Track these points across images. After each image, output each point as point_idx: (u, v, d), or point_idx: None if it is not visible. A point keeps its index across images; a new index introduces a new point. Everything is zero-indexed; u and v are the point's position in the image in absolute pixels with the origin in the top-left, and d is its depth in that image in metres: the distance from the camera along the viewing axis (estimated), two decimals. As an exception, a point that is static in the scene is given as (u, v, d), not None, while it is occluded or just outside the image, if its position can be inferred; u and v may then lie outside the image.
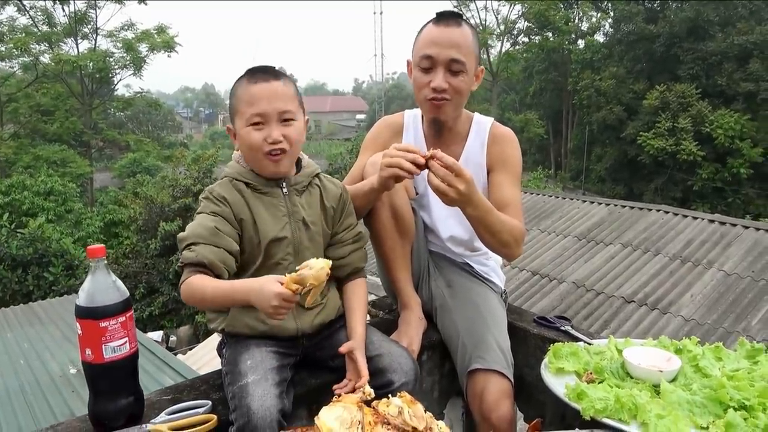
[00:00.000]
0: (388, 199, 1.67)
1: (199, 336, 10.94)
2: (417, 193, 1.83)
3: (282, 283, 1.18)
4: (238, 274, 1.41)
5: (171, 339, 11.14)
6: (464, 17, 1.71)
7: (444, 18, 1.67)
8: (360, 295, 1.55)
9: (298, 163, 1.52)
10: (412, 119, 1.86)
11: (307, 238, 1.46)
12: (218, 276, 1.33)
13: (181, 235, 1.36)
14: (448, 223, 1.84)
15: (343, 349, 1.38)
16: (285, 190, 1.46)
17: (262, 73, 1.41)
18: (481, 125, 1.81)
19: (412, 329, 1.69)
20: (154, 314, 11.34)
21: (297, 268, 1.20)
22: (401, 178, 1.47)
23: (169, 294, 11.38)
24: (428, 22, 1.70)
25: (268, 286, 1.18)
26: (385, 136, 1.85)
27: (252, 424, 1.20)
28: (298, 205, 1.47)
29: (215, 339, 8.06)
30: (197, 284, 1.29)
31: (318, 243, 1.49)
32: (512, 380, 1.59)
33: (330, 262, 1.22)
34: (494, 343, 1.63)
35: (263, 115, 1.38)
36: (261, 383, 1.27)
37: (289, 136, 1.40)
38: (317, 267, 1.18)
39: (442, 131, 1.78)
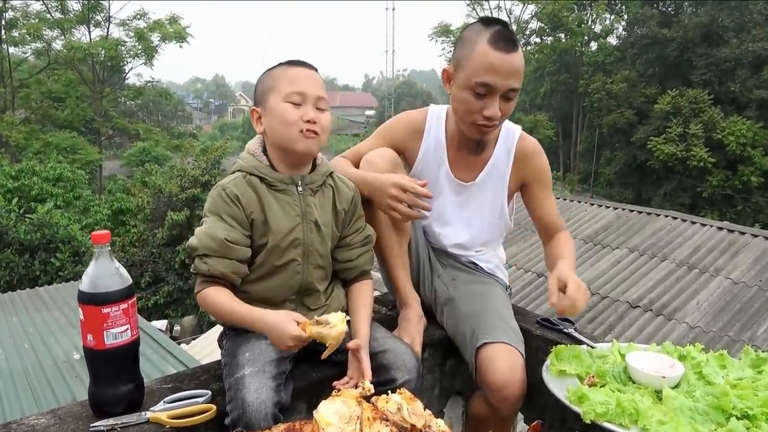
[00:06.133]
0: None
1: (203, 326, 10.99)
2: None
3: (299, 323, 1.25)
4: (248, 275, 1.42)
5: (175, 328, 11.21)
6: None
7: (503, 40, 1.52)
8: (366, 295, 1.54)
9: (314, 161, 1.50)
10: (436, 120, 1.78)
11: (318, 240, 1.45)
12: (231, 283, 1.38)
13: (191, 243, 1.36)
14: (452, 232, 1.82)
15: (351, 345, 1.37)
16: (300, 188, 1.44)
17: (300, 62, 1.44)
18: (509, 134, 1.76)
19: (413, 327, 1.68)
20: (159, 303, 11.38)
21: (317, 318, 1.26)
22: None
23: (175, 283, 11.42)
24: (479, 34, 1.54)
25: (287, 327, 1.25)
26: (402, 135, 1.80)
27: (246, 416, 1.21)
28: (312, 205, 1.44)
29: (219, 330, 8.09)
30: (213, 299, 1.35)
31: (327, 245, 1.48)
32: (524, 354, 1.56)
33: (347, 316, 1.28)
34: (503, 322, 1.63)
35: (303, 94, 1.38)
36: (258, 376, 1.27)
37: (322, 122, 1.40)
38: (337, 328, 1.24)
39: (465, 140, 1.73)
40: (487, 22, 1.58)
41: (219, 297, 1.35)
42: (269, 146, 1.45)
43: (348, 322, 1.29)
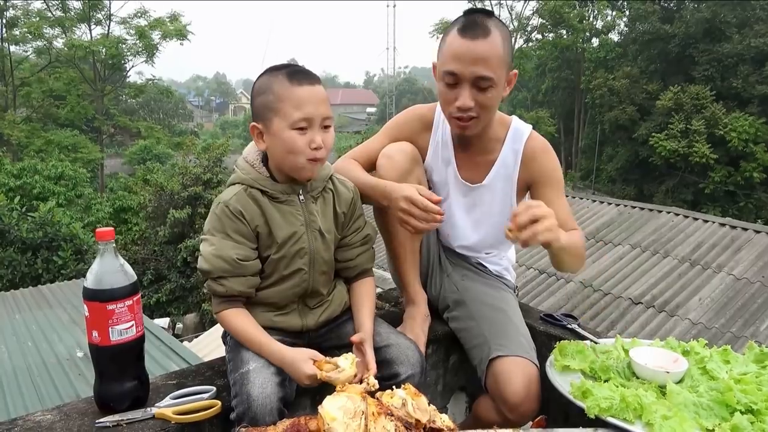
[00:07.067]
0: None
1: (205, 324, 11.00)
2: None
3: (315, 360, 1.26)
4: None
5: (177, 326, 11.22)
6: (493, 16, 1.53)
7: (470, 27, 1.47)
8: (368, 293, 1.53)
9: None
10: (443, 117, 1.70)
11: (323, 248, 1.44)
12: (248, 297, 1.40)
13: (203, 267, 1.34)
14: (459, 234, 1.81)
15: (355, 338, 1.37)
16: (302, 197, 1.42)
17: (304, 76, 1.34)
18: (518, 134, 1.69)
19: (417, 325, 1.68)
20: (161, 301, 11.41)
21: (327, 359, 1.27)
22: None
23: (177, 281, 11.44)
24: (454, 24, 1.52)
25: (302, 367, 1.26)
26: (412, 128, 1.76)
27: (252, 412, 1.21)
28: (315, 213, 1.43)
29: (221, 327, 8.10)
30: (233, 324, 1.37)
31: (331, 251, 1.48)
32: (538, 365, 1.54)
33: (356, 358, 1.29)
34: (515, 330, 1.61)
35: (309, 119, 1.32)
36: (262, 371, 1.28)
37: (327, 142, 1.36)
38: (346, 373, 1.24)
39: (470, 139, 1.69)
40: (467, 12, 1.55)
41: (239, 322, 1.36)
42: (271, 160, 1.42)
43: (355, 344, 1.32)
